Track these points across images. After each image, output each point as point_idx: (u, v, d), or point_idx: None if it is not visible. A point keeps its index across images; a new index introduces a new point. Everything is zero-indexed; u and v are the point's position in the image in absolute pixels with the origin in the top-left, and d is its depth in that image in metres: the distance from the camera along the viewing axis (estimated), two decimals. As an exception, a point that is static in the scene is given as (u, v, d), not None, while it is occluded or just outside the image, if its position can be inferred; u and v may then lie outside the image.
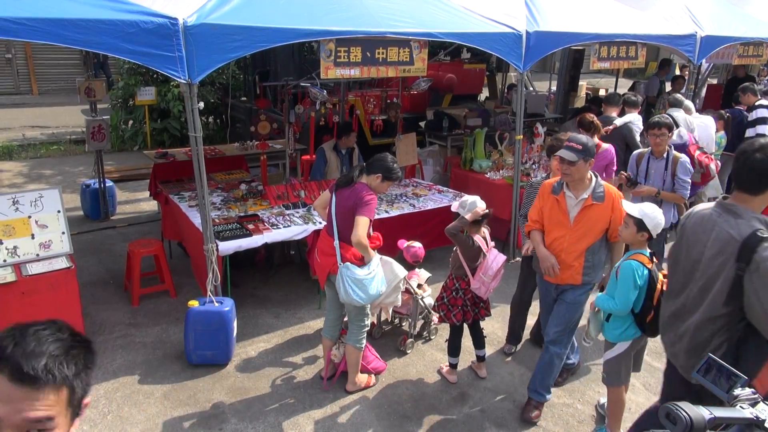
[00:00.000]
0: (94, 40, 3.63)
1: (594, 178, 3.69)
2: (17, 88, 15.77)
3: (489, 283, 4.07)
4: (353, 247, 3.86)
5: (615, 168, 5.90)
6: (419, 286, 4.84)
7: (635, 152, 5.15)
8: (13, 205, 4.31)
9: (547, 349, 3.94)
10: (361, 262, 3.90)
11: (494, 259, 4.08)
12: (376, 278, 3.91)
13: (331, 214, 3.99)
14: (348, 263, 3.85)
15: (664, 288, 3.10)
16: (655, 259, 3.44)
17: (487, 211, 4.11)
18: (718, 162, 6.14)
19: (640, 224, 3.32)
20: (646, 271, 3.28)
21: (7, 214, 4.28)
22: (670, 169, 4.72)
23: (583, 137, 3.63)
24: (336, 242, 3.93)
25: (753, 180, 2.54)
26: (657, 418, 1.78)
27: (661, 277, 3.32)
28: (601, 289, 3.72)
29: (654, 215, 3.31)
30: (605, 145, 5.87)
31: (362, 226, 3.78)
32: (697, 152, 5.85)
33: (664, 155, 4.95)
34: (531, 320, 4.88)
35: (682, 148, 6.00)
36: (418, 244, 4.65)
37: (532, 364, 4.62)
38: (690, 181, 4.92)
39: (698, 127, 6.72)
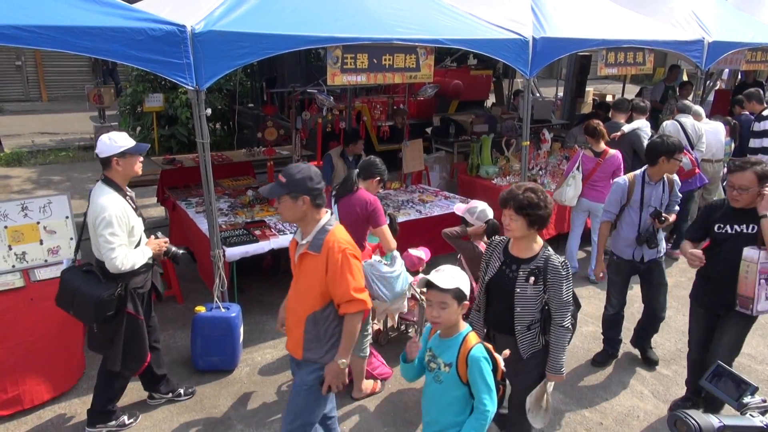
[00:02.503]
0: (102, 48, 3.67)
1: (326, 217, 2.89)
2: (27, 95, 15.93)
3: None
4: (373, 252, 3.97)
5: (622, 174, 5.89)
6: (423, 291, 4.81)
7: (621, 182, 4.48)
8: (22, 211, 4.34)
9: None
10: None
11: None
12: (401, 276, 4.04)
13: None
14: (371, 260, 3.93)
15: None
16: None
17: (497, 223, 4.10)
18: (696, 157, 6.11)
19: (459, 295, 2.58)
20: (485, 350, 2.65)
21: (16, 220, 4.31)
22: (667, 190, 4.43)
23: (296, 167, 2.82)
24: None
25: None
26: None
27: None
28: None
29: (464, 279, 2.61)
30: (612, 151, 5.86)
31: (388, 232, 4.06)
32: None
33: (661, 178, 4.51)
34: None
35: None
36: (418, 254, 4.67)
37: (540, 371, 4.60)
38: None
39: (707, 133, 6.70)
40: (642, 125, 6.41)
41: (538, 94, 12.29)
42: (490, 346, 2.73)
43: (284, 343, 4.89)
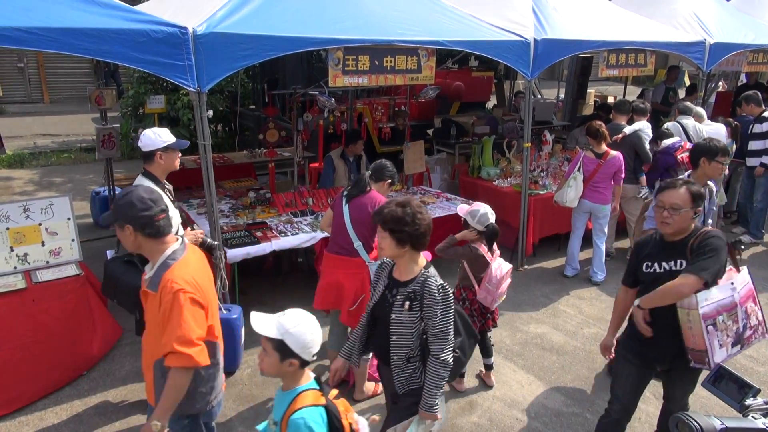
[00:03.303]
0: (104, 50, 3.68)
1: (171, 248, 2.53)
2: (29, 97, 15.95)
3: (495, 292, 4.04)
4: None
5: (623, 175, 5.89)
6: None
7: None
8: (24, 212, 4.35)
9: None
10: None
11: (498, 267, 4.06)
12: None
13: (343, 224, 4.01)
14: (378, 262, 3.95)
15: None
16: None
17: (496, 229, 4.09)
18: None
19: (282, 348, 2.18)
20: (324, 414, 2.21)
21: (18, 221, 4.32)
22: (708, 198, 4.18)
23: (124, 191, 2.61)
24: (357, 244, 4.00)
25: None
26: None
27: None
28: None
29: (298, 331, 2.19)
30: (613, 153, 5.86)
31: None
32: (683, 154, 5.87)
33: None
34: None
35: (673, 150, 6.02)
36: None
37: (541, 373, 4.60)
38: None
39: (709, 134, 6.69)
40: (643, 127, 6.41)
41: (539, 96, 12.30)
42: (344, 407, 2.31)
43: (285, 344, 4.91)
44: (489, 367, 4.46)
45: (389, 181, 4.19)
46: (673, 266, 3.00)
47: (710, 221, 4.32)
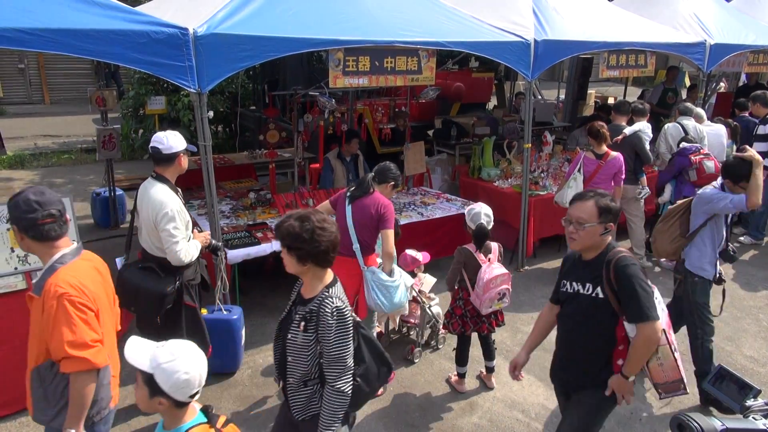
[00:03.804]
0: (105, 51, 3.69)
1: (61, 252, 2.45)
2: (29, 98, 15.97)
3: (482, 296, 3.95)
4: (378, 255, 3.99)
5: (624, 176, 5.89)
6: (420, 292, 4.80)
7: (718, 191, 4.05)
8: (24, 213, 4.35)
9: None
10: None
11: (485, 271, 3.95)
12: (400, 288, 4.02)
13: (345, 226, 4.01)
14: (373, 267, 3.94)
15: None
16: None
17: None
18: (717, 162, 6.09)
19: (151, 383, 1.91)
20: None
21: (19, 222, 4.32)
22: None
23: (19, 192, 2.48)
24: (356, 246, 4.01)
25: None
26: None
27: None
28: None
29: (171, 367, 1.90)
30: (614, 153, 5.86)
31: (391, 238, 4.03)
32: (698, 156, 5.92)
33: None
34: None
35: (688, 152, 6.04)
36: (413, 254, 4.68)
37: (543, 374, 4.59)
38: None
39: (709, 135, 6.69)
40: (643, 127, 6.41)
41: (539, 97, 12.30)
42: None
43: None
44: (490, 370, 4.45)
45: (392, 183, 4.20)
46: (581, 289, 2.76)
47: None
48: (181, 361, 1.91)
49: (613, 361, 2.74)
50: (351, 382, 2.47)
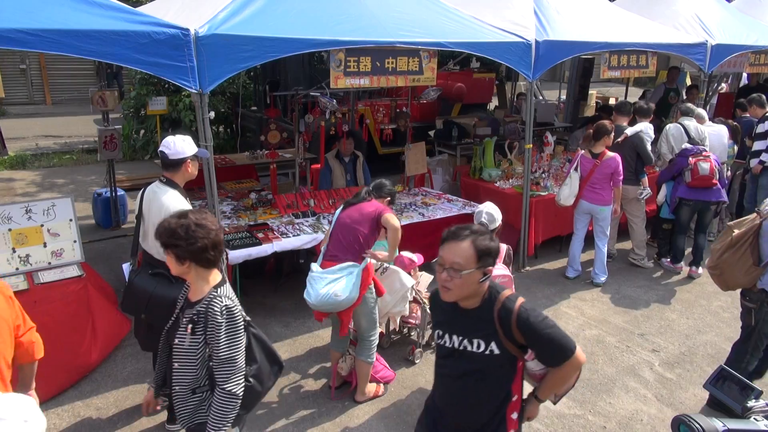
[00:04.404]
0: (107, 51, 3.69)
1: None
2: (31, 98, 16.00)
3: None
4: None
5: (621, 177, 5.88)
6: (417, 291, 4.78)
7: None
8: (25, 213, 4.36)
9: None
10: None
11: None
12: (325, 281, 3.76)
13: (335, 232, 3.97)
14: (313, 263, 3.89)
15: None
16: None
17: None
18: (717, 163, 6.09)
19: None
20: None
21: (20, 222, 4.33)
22: None
23: None
24: (324, 247, 3.96)
25: None
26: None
27: None
28: None
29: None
30: (610, 153, 5.86)
31: (394, 219, 3.88)
32: (696, 158, 5.98)
33: None
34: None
35: (687, 153, 6.05)
36: (410, 256, 4.67)
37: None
38: None
39: (711, 136, 6.69)
40: (645, 128, 6.40)
41: (541, 97, 12.30)
42: None
43: (287, 346, 4.91)
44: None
45: (388, 198, 4.15)
46: (469, 347, 2.30)
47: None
48: (8, 423, 1.63)
49: (507, 415, 2.40)
50: (242, 384, 2.40)
